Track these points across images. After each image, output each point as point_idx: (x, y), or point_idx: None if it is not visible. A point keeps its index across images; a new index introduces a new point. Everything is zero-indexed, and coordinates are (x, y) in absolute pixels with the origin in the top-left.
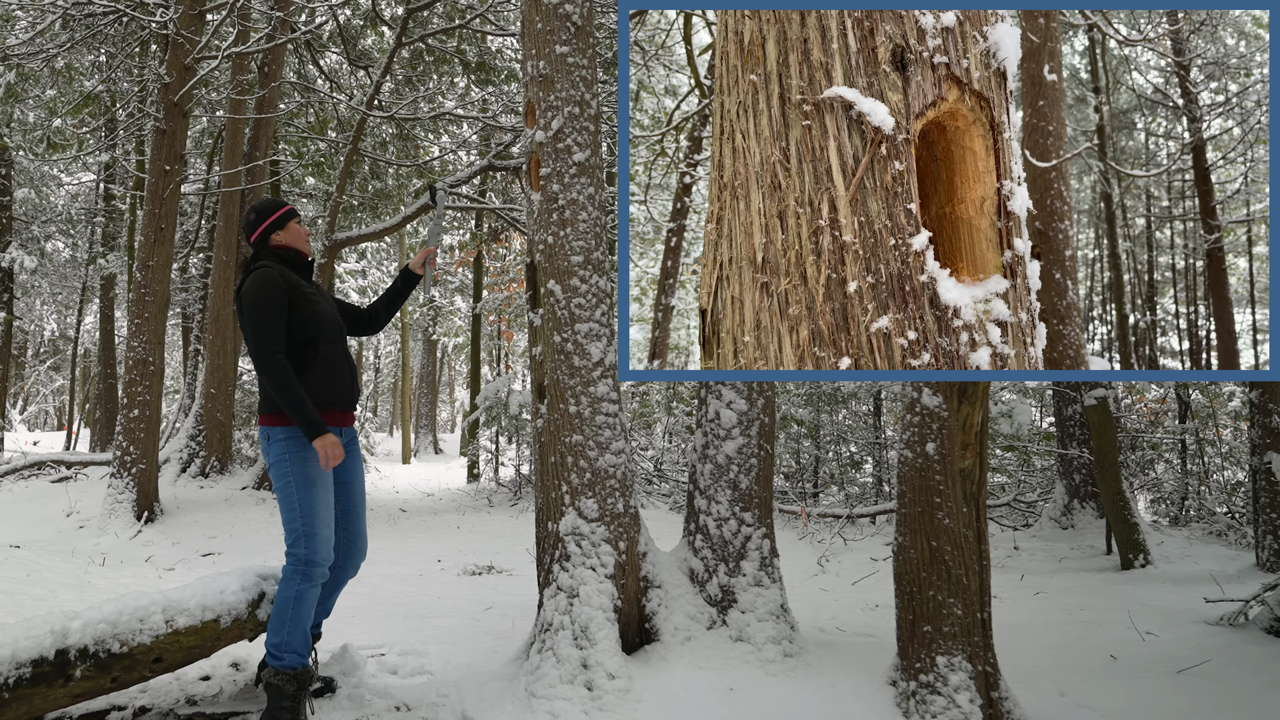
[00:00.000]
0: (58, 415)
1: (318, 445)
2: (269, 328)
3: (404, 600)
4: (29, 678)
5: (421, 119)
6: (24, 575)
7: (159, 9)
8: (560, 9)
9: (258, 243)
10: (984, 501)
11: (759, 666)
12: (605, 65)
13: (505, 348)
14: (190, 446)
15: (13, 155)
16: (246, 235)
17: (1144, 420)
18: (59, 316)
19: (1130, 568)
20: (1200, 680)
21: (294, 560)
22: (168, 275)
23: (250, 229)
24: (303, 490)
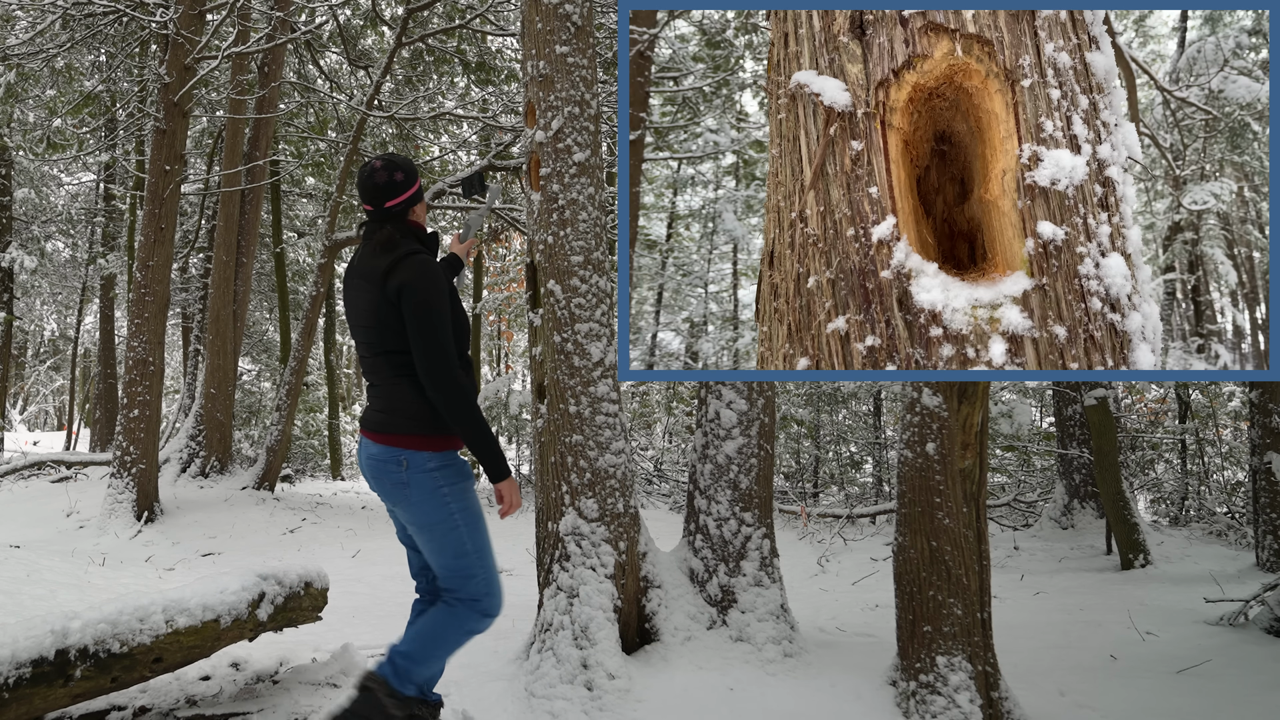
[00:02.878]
0: (58, 415)
1: (507, 489)
2: (446, 334)
3: (404, 600)
4: (29, 678)
5: (421, 119)
6: (24, 575)
7: (159, 9)
8: (560, 9)
9: (399, 213)
10: (984, 501)
11: (759, 666)
12: (605, 65)
13: (505, 348)
14: (190, 446)
15: (13, 155)
16: (384, 198)
17: (1144, 420)
18: (59, 316)
19: (1130, 568)
20: (1200, 680)
21: (471, 605)
22: (168, 275)
23: (393, 191)
24: (473, 528)
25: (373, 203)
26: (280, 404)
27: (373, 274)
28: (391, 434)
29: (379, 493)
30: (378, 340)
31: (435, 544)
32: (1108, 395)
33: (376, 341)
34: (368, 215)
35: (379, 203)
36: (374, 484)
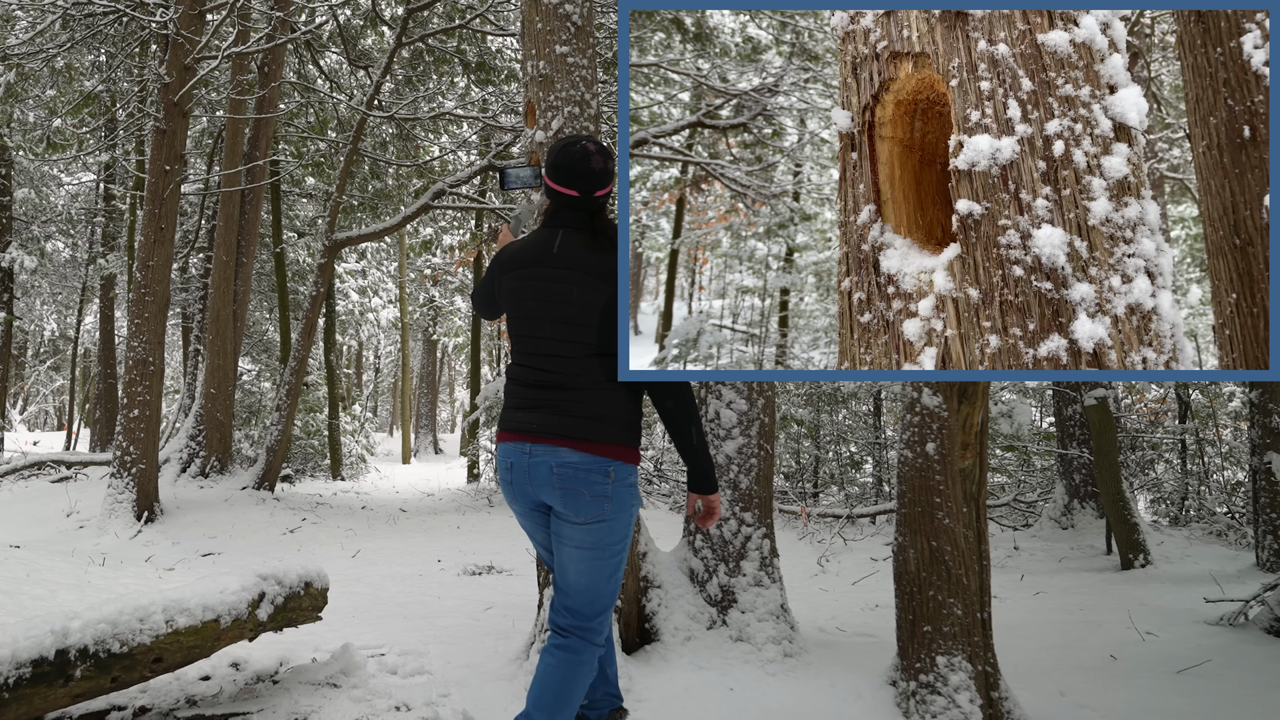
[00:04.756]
0: (58, 415)
1: (717, 502)
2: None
3: (404, 600)
4: (29, 678)
5: (421, 119)
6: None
7: (159, 9)
8: (560, 9)
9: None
10: (984, 501)
11: (759, 666)
12: (605, 65)
13: (505, 348)
14: (190, 446)
15: (13, 155)
16: (598, 185)
17: (1144, 420)
18: (59, 316)
19: (1130, 568)
20: (1200, 680)
21: (592, 636)
22: (168, 275)
23: (606, 179)
24: (626, 554)
25: (582, 188)
26: (280, 404)
27: (596, 268)
28: (603, 442)
29: (564, 504)
30: (595, 341)
31: (599, 565)
32: (1108, 395)
33: (594, 342)
34: (562, 200)
35: (590, 189)
36: (561, 495)
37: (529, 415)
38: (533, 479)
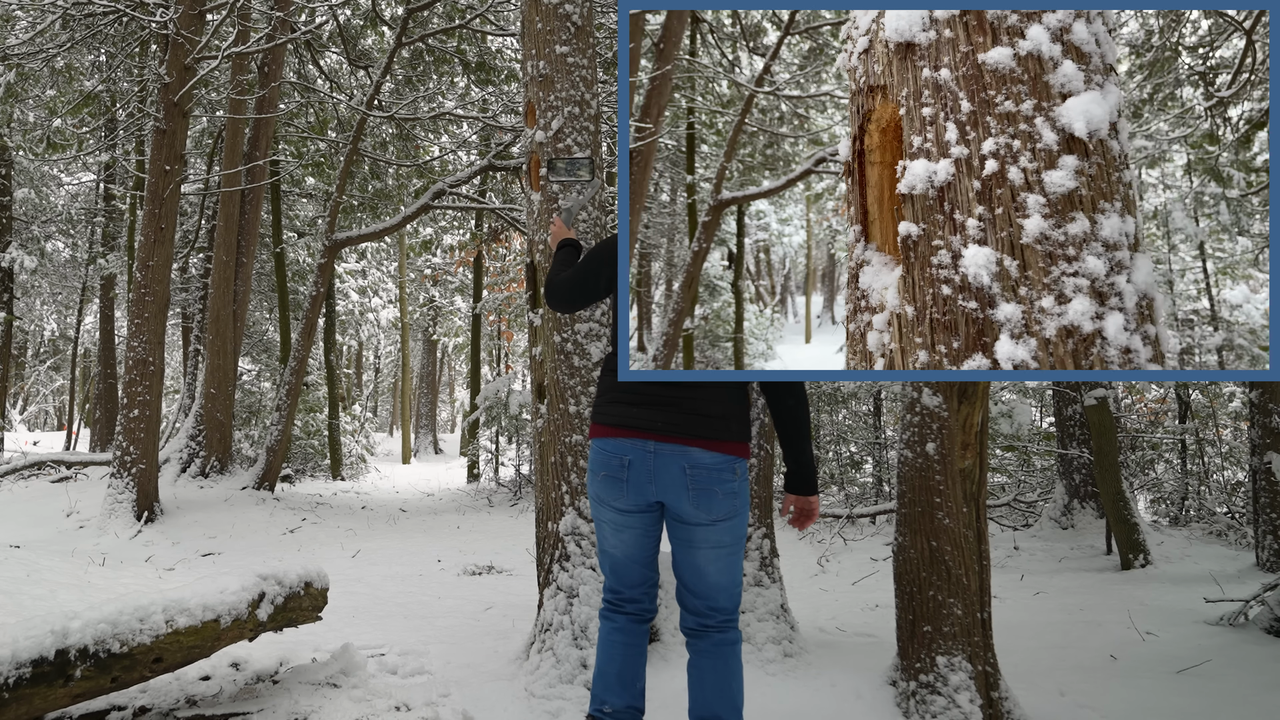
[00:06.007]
0: (58, 415)
1: (816, 504)
2: None
3: (404, 600)
4: (29, 678)
5: (421, 119)
6: (24, 575)
7: (159, 9)
8: (560, 9)
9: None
10: (984, 501)
11: (759, 666)
12: (605, 65)
13: (505, 348)
14: (190, 446)
15: (13, 155)
16: None
17: (1144, 420)
18: (59, 316)
19: (1130, 568)
20: (1200, 680)
21: (735, 627)
22: (168, 275)
23: None
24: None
25: None
26: (280, 404)
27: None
28: (730, 441)
29: (696, 504)
30: None
31: (734, 559)
32: (1108, 395)
33: None
34: None
35: None
36: (694, 496)
37: (650, 412)
38: (658, 479)
